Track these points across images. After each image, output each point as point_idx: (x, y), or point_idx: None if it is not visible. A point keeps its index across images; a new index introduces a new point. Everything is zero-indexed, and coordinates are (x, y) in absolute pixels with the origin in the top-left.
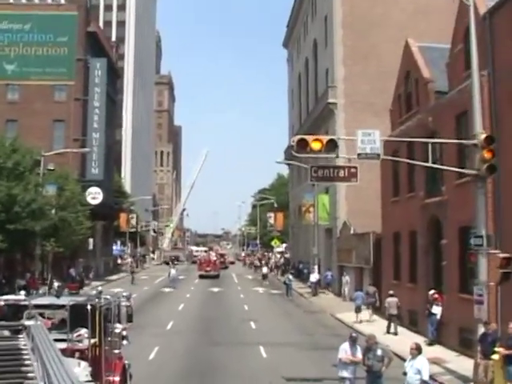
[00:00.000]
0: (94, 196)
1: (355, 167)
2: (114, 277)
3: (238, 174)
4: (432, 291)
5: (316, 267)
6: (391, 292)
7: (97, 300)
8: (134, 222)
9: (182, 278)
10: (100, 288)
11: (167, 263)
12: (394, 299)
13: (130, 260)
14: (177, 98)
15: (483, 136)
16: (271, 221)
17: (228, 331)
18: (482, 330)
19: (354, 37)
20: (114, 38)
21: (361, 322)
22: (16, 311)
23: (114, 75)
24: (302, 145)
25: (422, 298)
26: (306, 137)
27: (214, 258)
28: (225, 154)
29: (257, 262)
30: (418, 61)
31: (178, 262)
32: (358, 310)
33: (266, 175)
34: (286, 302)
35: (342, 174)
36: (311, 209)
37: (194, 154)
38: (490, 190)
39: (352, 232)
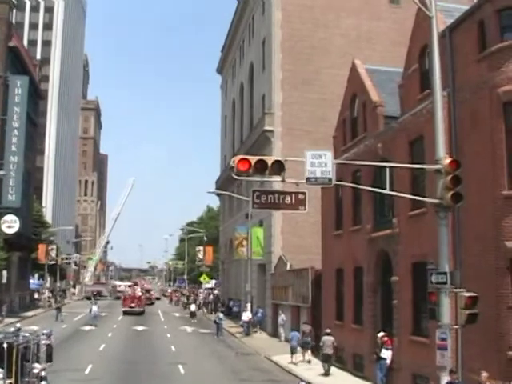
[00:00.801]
0: (10, 224)
1: (303, 193)
2: (30, 313)
3: (166, 205)
4: (381, 333)
5: (249, 305)
6: (328, 330)
7: (14, 338)
8: (53, 254)
9: (105, 314)
10: (18, 325)
11: (89, 298)
12: (330, 338)
13: (47, 295)
14: (104, 125)
15: (447, 161)
16: (200, 255)
17: (154, 376)
18: (445, 379)
19: (293, 61)
20: (38, 58)
21: (295, 363)
22: None
23: (37, 96)
24: (244, 166)
25: (370, 341)
26: (248, 157)
27: (140, 294)
28: (153, 185)
29: (184, 299)
30: (366, 83)
31: (101, 298)
32: (293, 351)
33: (195, 208)
34: (217, 343)
35: (288, 200)
36: (244, 242)
37: (120, 185)
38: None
39: (288, 268)
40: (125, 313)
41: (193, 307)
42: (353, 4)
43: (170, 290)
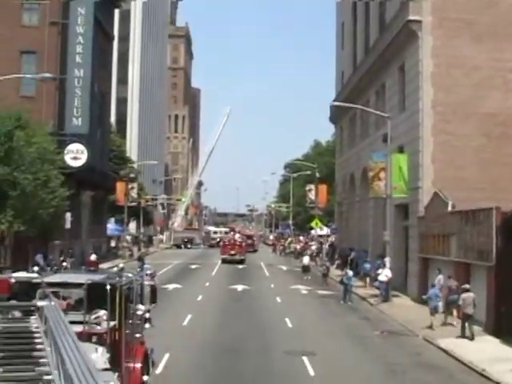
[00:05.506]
0: (76, 156)
1: None
2: (106, 265)
3: (264, 144)
4: None
5: (388, 260)
6: (467, 286)
7: (117, 278)
8: (134, 193)
9: (195, 267)
10: (121, 265)
11: (178, 247)
12: (471, 295)
13: (126, 243)
14: (196, 56)
15: None
16: (311, 195)
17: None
18: None
19: None
20: None
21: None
22: (28, 290)
23: (111, 4)
24: None
25: None
26: None
27: (240, 240)
28: (251, 120)
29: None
30: None
31: (192, 246)
32: (433, 312)
33: (297, 145)
34: (347, 312)
35: None
36: (382, 174)
37: (214, 122)
38: None
39: (450, 209)
40: (224, 261)
41: (306, 260)
42: None
43: (271, 237)
